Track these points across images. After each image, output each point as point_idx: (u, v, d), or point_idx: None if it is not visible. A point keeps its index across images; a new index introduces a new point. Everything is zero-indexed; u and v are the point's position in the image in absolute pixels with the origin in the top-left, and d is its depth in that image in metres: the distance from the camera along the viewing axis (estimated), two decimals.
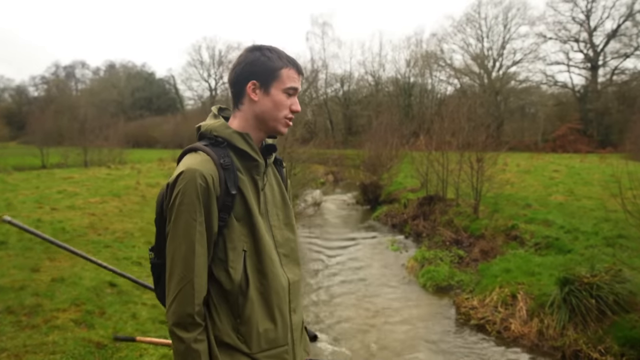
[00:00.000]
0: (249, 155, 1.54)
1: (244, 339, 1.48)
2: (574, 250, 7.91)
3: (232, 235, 1.48)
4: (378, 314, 7.39)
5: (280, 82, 1.55)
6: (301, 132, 14.14)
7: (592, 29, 37.15)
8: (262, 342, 1.51)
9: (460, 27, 42.72)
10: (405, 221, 13.22)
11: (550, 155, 28.66)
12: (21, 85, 61.22)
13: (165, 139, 41.89)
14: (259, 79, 1.55)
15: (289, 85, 1.56)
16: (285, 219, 1.68)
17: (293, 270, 1.65)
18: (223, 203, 1.47)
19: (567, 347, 5.59)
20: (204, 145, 1.53)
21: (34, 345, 4.12)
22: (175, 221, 1.43)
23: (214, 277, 1.48)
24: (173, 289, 1.42)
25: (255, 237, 1.52)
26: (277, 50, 1.59)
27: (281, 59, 1.56)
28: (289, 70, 1.56)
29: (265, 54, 1.56)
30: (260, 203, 1.58)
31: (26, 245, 7.21)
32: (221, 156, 1.49)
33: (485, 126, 12.47)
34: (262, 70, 1.55)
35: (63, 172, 20.14)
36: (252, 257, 1.51)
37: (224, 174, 1.47)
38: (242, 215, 1.51)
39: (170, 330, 1.43)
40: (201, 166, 1.44)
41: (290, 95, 1.58)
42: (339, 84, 50.57)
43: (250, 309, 1.49)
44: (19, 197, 11.68)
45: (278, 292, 1.55)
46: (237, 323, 1.49)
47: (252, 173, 1.57)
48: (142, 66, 65.32)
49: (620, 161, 6.68)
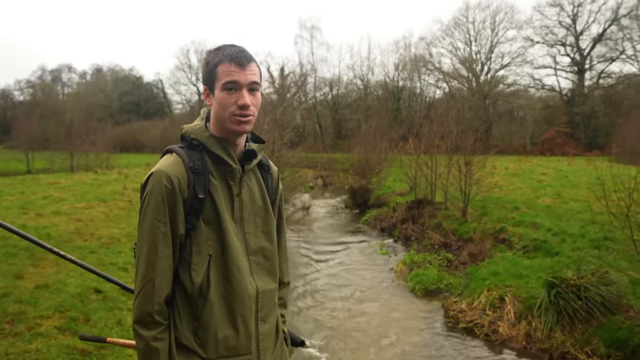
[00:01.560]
0: (223, 160, 1.52)
1: (201, 342, 1.48)
2: (561, 253, 7.96)
3: (199, 238, 1.48)
4: (367, 318, 7.37)
5: (218, 80, 1.50)
6: (290, 136, 14.12)
7: (578, 33, 37.57)
8: (221, 349, 1.49)
9: (448, 31, 42.95)
10: (394, 225, 13.23)
11: (538, 158, 28.87)
12: (6, 89, 60.41)
13: (153, 143, 41.66)
14: (207, 83, 1.54)
15: (224, 81, 1.48)
16: (263, 227, 1.64)
17: (264, 279, 1.61)
18: (190, 206, 1.46)
19: (555, 349, 5.62)
20: (179, 147, 1.53)
21: (16, 353, 4.05)
22: (143, 221, 1.45)
23: (179, 279, 1.48)
24: (137, 287, 1.44)
25: (223, 243, 1.50)
26: (224, 47, 1.53)
27: (218, 56, 1.50)
28: (224, 65, 1.48)
29: (209, 56, 1.53)
30: (235, 209, 1.56)
31: (10, 252, 7.11)
32: (193, 159, 1.49)
33: (474, 129, 12.54)
34: (206, 73, 1.54)
35: (49, 177, 19.92)
36: (218, 262, 1.50)
37: (193, 177, 1.46)
38: (212, 220, 1.50)
39: (132, 327, 1.45)
40: (169, 168, 1.45)
41: (231, 90, 1.49)
42: (327, 88, 50.61)
43: (210, 313, 1.47)
44: (3, 203, 11.53)
45: (243, 299, 1.52)
46: (196, 326, 1.48)
47: (227, 178, 1.55)
48: (130, 70, 64.86)
49: (606, 164, 6.73)
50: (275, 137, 11.76)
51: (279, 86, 46.64)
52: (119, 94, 59.76)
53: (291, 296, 8.35)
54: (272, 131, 11.62)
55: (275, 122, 12.27)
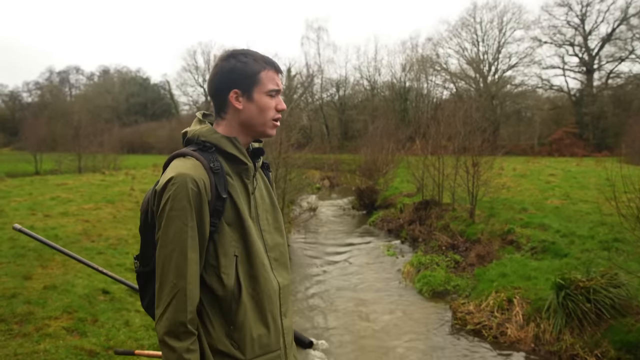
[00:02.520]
0: (239, 159, 1.53)
1: (237, 345, 1.46)
2: (570, 255, 7.90)
3: (223, 240, 1.46)
4: (374, 319, 7.35)
5: (261, 85, 1.53)
6: (297, 137, 14.08)
7: (587, 32, 37.36)
8: (256, 348, 1.49)
9: (455, 32, 42.89)
10: (402, 226, 13.19)
11: (546, 159, 28.71)
12: (14, 91, 61.08)
13: (160, 144, 41.88)
14: (240, 87, 1.53)
15: (270, 88, 1.54)
16: (274, 223, 1.66)
17: (282, 275, 1.63)
18: (214, 208, 1.44)
19: (564, 351, 5.57)
20: (192, 150, 1.50)
21: (25, 354, 4.06)
22: (166, 227, 1.39)
23: (205, 284, 1.45)
24: (165, 298, 1.38)
25: (246, 242, 1.50)
26: (252, 53, 1.56)
27: (257, 62, 1.54)
28: (267, 72, 1.54)
29: (241, 60, 1.53)
30: (251, 207, 1.57)
31: (18, 253, 7.15)
32: (210, 160, 1.47)
33: (481, 130, 12.46)
34: (241, 77, 1.52)
35: (57, 178, 20.04)
36: (244, 262, 1.49)
37: (215, 179, 1.45)
38: (233, 220, 1.49)
39: (160, 340, 1.38)
40: (192, 171, 1.41)
41: (273, 96, 1.56)
42: (334, 89, 50.66)
43: (244, 314, 1.46)
44: (11, 204, 11.60)
45: (270, 296, 1.53)
46: (231, 330, 1.46)
47: (242, 177, 1.55)
48: (137, 71, 65.32)
49: (615, 165, 6.66)
50: (282, 138, 11.73)
51: (286, 87, 46.61)
52: (126, 95, 60.11)
53: (298, 297, 8.35)
54: (279, 132, 11.59)
55: (282, 123, 12.22)
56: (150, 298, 1.57)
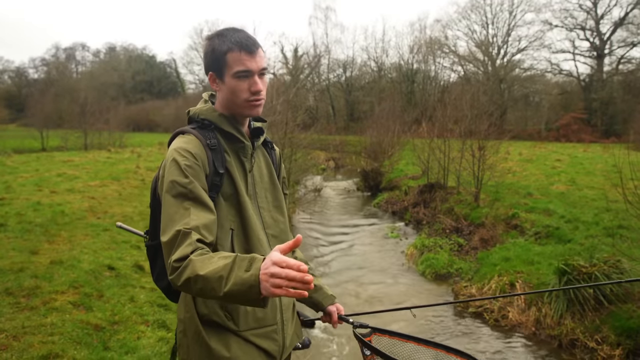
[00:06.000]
0: (235, 137, 1.57)
1: (231, 316, 1.49)
2: (574, 240, 7.90)
3: (220, 213, 1.49)
4: (376, 301, 7.40)
5: (229, 68, 1.50)
6: (302, 117, 14.06)
7: (599, 16, 36.67)
8: (250, 321, 1.52)
9: (465, 14, 42.26)
10: (406, 208, 13.21)
11: (553, 144, 28.53)
12: (21, 67, 60.99)
13: (166, 122, 41.79)
14: (213, 69, 1.54)
15: (236, 70, 1.49)
16: (274, 201, 1.69)
17: None
18: (212, 182, 1.48)
19: (564, 335, 5.61)
20: (191, 128, 1.56)
21: (32, 326, 4.13)
22: (167, 188, 1.42)
23: None
24: (170, 238, 1.32)
25: (242, 217, 1.53)
26: (228, 33, 1.52)
27: (225, 43, 1.49)
28: (234, 53, 1.48)
29: (213, 42, 1.52)
30: (248, 185, 1.60)
31: (25, 228, 7.22)
32: (208, 137, 1.52)
33: (488, 114, 12.38)
34: (212, 60, 1.53)
35: (63, 155, 20.14)
36: (239, 236, 1.52)
37: (212, 155, 1.49)
38: (230, 195, 1.52)
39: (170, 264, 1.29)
40: (187, 145, 1.47)
41: (242, 77, 1.50)
42: (341, 70, 50.27)
43: None
44: (18, 180, 11.68)
45: None
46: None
47: (239, 155, 1.59)
48: (143, 49, 64.85)
49: (623, 151, 6.62)
50: (288, 118, 11.69)
51: (293, 67, 46.33)
52: (132, 73, 59.86)
53: None
54: (285, 112, 11.55)
55: (288, 103, 12.18)
56: (160, 270, 1.64)
